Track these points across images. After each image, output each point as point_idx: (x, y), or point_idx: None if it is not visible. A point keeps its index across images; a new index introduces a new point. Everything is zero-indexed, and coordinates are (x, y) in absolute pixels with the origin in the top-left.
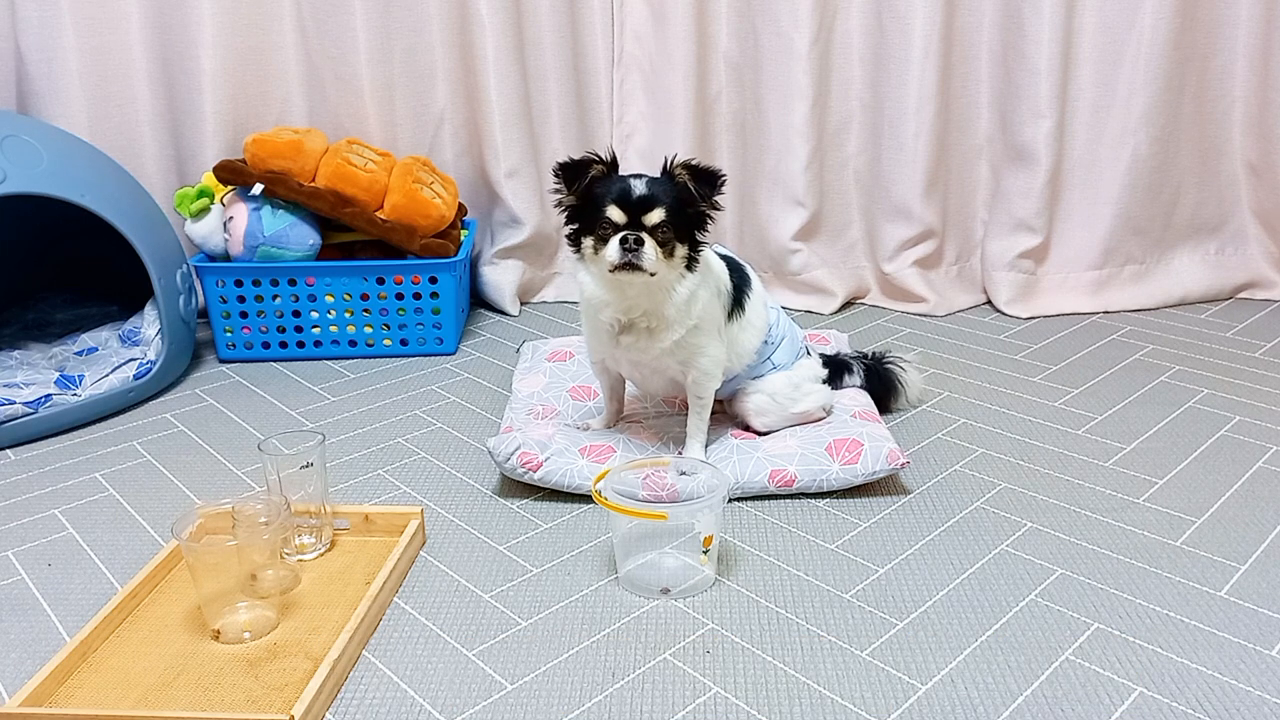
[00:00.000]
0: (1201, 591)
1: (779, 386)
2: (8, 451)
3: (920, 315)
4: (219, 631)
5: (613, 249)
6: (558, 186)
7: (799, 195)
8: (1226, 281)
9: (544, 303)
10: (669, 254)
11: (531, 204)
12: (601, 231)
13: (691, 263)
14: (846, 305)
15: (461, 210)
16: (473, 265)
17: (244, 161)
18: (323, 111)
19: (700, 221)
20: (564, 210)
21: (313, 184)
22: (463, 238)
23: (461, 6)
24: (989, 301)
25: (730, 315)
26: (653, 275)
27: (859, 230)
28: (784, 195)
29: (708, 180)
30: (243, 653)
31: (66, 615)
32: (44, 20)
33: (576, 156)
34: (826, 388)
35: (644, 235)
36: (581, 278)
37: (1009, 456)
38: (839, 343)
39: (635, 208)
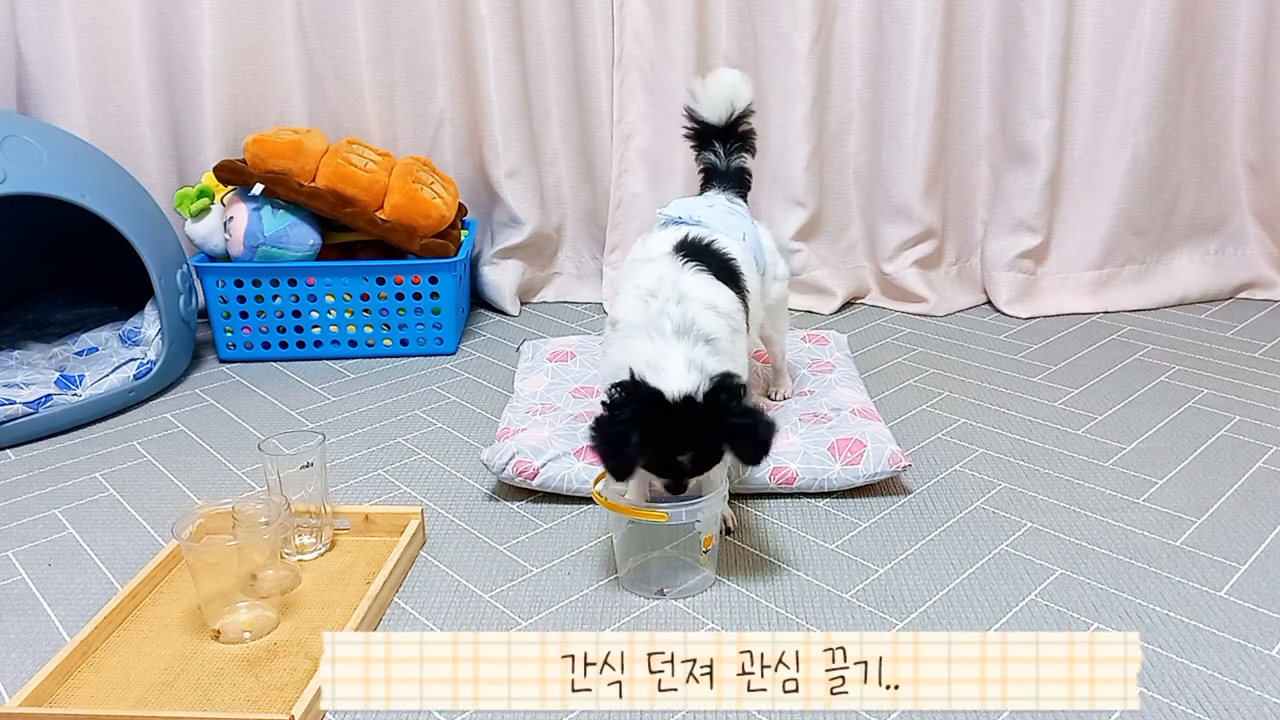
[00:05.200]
0: (1201, 591)
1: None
2: (8, 451)
3: (920, 315)
4: (219, 631)
5: (658, 483)
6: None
7: (799, 195)
8: (1226, 281)
9: (544, 303)
10: None
11: (531, 204)
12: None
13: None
14: (846, 305)
15: (461, 210)
16: (473, 265)
17: (244, 161)
18: (323, 111)
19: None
20: None
21: (313, 184)
22: (463, 238)
23: (461, 6)
24: (989, 301)
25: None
26: None
27: (859, 230)
28: (784, 195)
29: (750, 436)
30: (243, 653)
31: (66, 615)
32: (44, 20)
33: (610, 418)
34: (779, 257)
35: (687, 483)
36: None
37: (1009, 456)
38: (838, 343)
39: (682, 474)
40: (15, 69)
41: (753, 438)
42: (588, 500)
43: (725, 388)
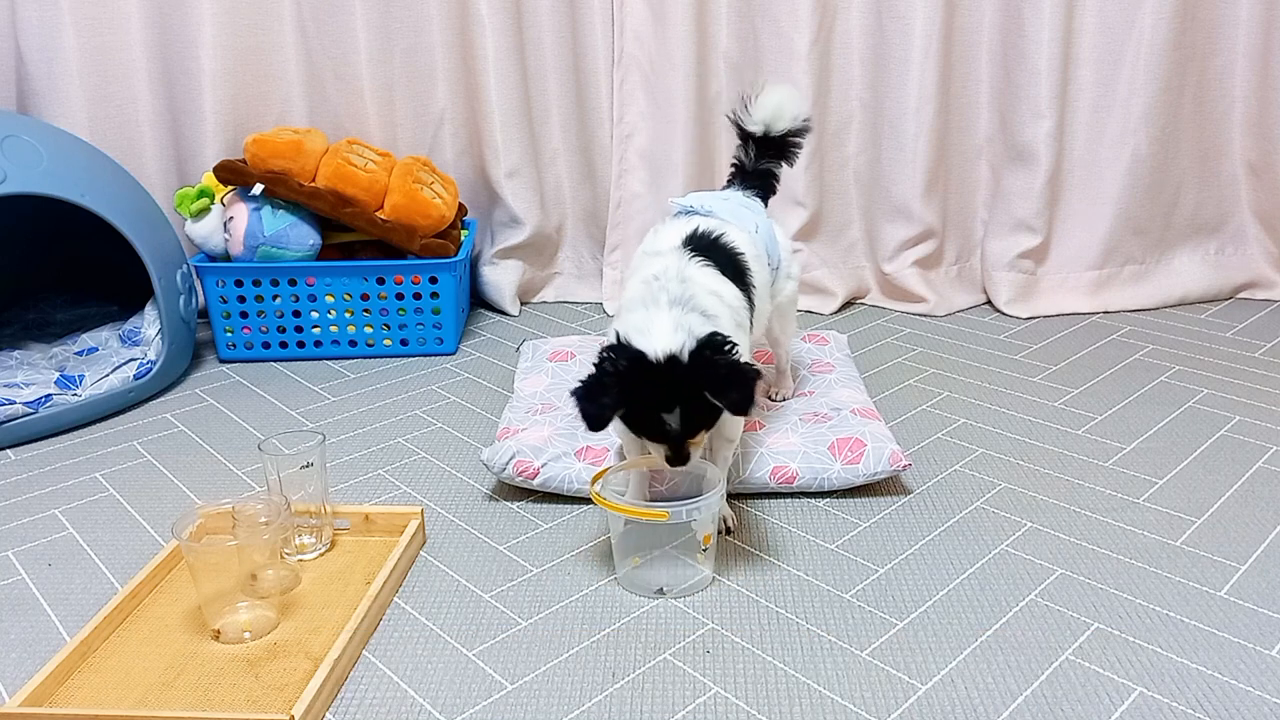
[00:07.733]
0: (1201, 591)
1: (789, 296)
2: (8, 451)
3: (920, 315)
4: (219, 631)
5: (658, 455)
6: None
7: (799, 195)
8: (1226, 281)
9: (544, 303)
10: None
11: (531, 204)
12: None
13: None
14: (846, 305)
15: (461, 210)
16: (473, 265)
17: (244, 161)
18: (323, 111)
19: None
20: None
21: (313, 184)
22: (463, 238)
23: (461, 6)
24: (989, 301)
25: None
26: None
27: (859, 230)
28: (784, 195)
29: (734, 386)
30: (243, 653)
31: (66, 615)
32: (44, 20)
33: (597, 380)
34: (794, 256)
35: (687, 451)
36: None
37: (1009, 456)
38: (838, 343)
39: (674, 437)
40: (15, 69)
41: (736, 386)
42: (588, 500)
43: (710, 344)
